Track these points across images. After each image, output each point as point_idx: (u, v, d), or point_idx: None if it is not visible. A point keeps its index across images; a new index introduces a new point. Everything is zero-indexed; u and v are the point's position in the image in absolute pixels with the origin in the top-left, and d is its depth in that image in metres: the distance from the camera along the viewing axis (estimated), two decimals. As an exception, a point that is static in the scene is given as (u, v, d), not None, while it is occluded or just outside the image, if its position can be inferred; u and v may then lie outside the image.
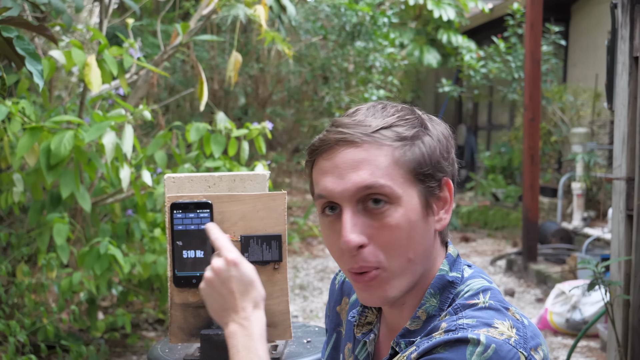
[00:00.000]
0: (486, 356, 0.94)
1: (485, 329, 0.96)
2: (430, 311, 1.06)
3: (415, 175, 1.03)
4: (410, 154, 1.03)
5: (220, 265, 1.13)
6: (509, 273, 6.71)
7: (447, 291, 1.07)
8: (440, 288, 1.07)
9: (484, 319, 0.98)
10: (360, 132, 1.02)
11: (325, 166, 1.04)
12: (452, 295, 1.07)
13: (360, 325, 1.18)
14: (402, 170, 1.02)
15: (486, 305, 1.01)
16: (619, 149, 2.75)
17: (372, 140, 1.02)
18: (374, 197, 1.01)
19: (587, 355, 4.41)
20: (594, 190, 7.67)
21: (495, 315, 0.99)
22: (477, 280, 1.08)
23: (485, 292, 1.05)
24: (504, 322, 0.99)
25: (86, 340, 4.14)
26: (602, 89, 7.87)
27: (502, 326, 0.98)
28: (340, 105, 8.35)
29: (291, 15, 4.46)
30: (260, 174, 1.31)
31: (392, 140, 1.02)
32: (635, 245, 2.64)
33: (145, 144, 5.57)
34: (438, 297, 1.07)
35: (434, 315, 1.06)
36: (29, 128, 3.01)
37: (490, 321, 0.98)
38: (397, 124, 1.04)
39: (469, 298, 1.04)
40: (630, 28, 2.66)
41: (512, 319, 1.00)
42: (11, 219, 4.09)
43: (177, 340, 1.34)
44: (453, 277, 1.08)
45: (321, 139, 1.06)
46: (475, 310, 1.01)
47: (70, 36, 5.13)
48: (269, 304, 1.33)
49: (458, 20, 10.27)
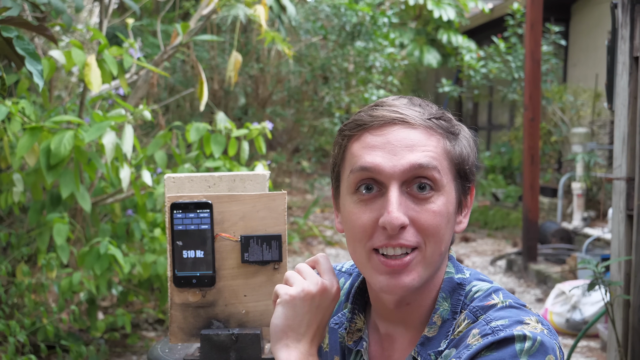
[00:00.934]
0: (534, 349, 0.95)
1: (520, 326, 0.97)
2: (445, 315, 1.06)
3: (458, 170, 1.05)
4: (458, 148, 1.05)
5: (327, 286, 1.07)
6: (509, 273, 6.71)
7: (456, 293, 1.07)
8: (450, 291, 1.07)
9: (513, 317, 0.99)
10: (416, 116, 1.02)
11: (375, 141, 1.02)
12: (462, 298, 1.06)
13: (351, 333, 1.14)
14: (449, 161, 1.04)
15: (506, 304, 1.02)
16: (619, 149, 2.75)
17: (427, 126, 1.02)
18: (422, 180, 1.01)
19: (587, 355, 4.41)
20: (594, 190, 7.67)
21: (520, 312, 1.00)
22: (481, 282, 1.08)
23: (497, 292, 1.05)
24: (531, 317, 1.00)
25: (86, 340, 4.14)
26: (602, 89, 7.87)
27: (531, 322, 0.99)
28: (340, 105, 8.35)
29: (291, 15, 4.46)
30: (260, 174, 1.31)
31: (443, 131, 1.04)
32: (636, 245, 2.64)
33: (145, 144, 5.57)
34: (449, 300, 1.06)
35: (448, 319, 1.05)
36: (29, 128, 3.00)
37: (520, 318, 0.99)
38: (444, 118, 1.06)
39: (483, 299, 1.04)
40: (630, 28, 2.66)
41: (534, 314, 1.01)
42: (11, 219, 4.09)
43: (177, 340, 1.34)
44: (460, 278, 1.08)
45: (371, 115, 1.04)
46: (498, 310, 1.01)
47: (70, 36, 5.14)
48: (269, 304, 1.33)
49: (458, 20, 10.27)
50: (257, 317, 1.34)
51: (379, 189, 1.02)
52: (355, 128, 1.05)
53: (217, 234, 1.29)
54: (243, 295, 1.32)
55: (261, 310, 1.34)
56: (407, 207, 1.01)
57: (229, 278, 1.30)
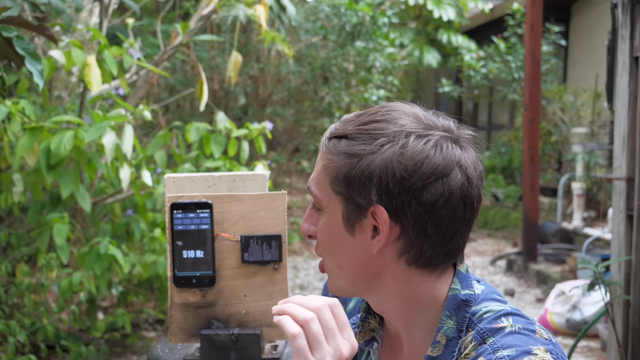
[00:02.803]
0: None
1: (527, 358, 0.94)
2: (450, 334, 1.03)
3: (334, 191, 1.01)
4: (335, 169, 1.00)
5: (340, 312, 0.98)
6: (509, 273, 6.71)
7: (462, 310, 1.03)
8: (455, 308, 1.03)
9: (521, 346, 0.95)
10: (325, 136, 1.05)
11: None
12: (468, 315, 1.03)
13: (363, 332, 1.14)
14: (327, 182, 1.02)
15: (515, 329, 0.98)
16: (619, 149, 2.75)
17: (324, 147, 1.04)
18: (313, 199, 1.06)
19: (587, 355, 4.41)
20: (594, 190, 7.67)
21: (529, 340, 0.96)
22: (493, 303, 1.04)
23: (508, 315, 1.01)
24: (539, 347, 0.96)
25: (86, 340, 4.14)
26: (602, 89, 7.87)
27: (540, 352, 0.95)
28: (340, 105, 8.35)
29: (291, 15, 4.46)
30: (260, 174, 1.31)
31: (329, 152, 1.02)
32: (636, 245, 2.64)
33: (145, 144, 5.57)
34: (454, 318, 1.03)
35: (454, 337, 1.03)
36: (29, 128, 3.00)
37: (528, 348, 0.95)
38: (353, 136, 1.00)
39: (492, 322, 1.00)
40: (630, 28, 2.66)
41: (543, 341, 0.97)
42: (11, 219, 4.09)
43: (177, 340, 1.34)
44: (466, 294, 1.04)
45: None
46: (505, 335, 0.98)
47: (70, 36, 5.14)
48: (269, 304, 1.32)
49: (458, 20, 10.26)
50: (257, 317, 1.34)
51: None
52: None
53: (217, 234, 1.29)
54: (243, 295, 1.32)
55: (261, 310, 1.34)
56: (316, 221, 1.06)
57: (229, 278, 1.30)
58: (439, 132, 0.99)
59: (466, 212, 0.99)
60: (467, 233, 1.03)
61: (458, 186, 0.97)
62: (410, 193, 0.95)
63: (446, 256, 1.02)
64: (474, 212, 1.01)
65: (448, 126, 1.01)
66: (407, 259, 1.01)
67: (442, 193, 0.96)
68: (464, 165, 0.98)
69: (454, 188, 0.96)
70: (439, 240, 0.99)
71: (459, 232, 1.00)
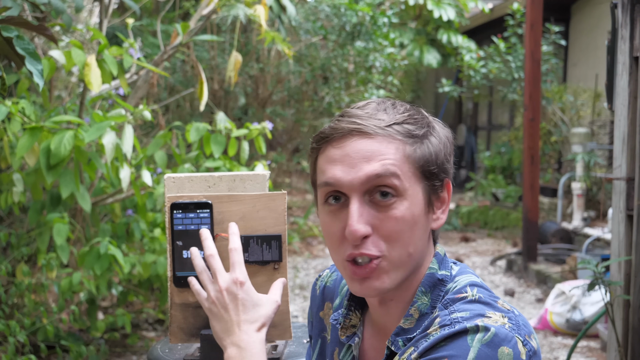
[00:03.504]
0: (486, 339, 0.96)
1: (479, 319, 0.99)
2: (423, 309, 1.08)
3: (422, 172, 1.06)
4: (420, 151, 1.05)
5: (229, 284, 1.13)
6: (509, 273, 6.71)
7: (437, 289, 1.09)
8: (431, 286, 1.09)
9: (476, 310, 1.01)
10: (374, 125, 1.04)
11: (335, 154, 1.05)
12: (442, 293, 1.09)
13: (345, 328, 1.18)
14: (411, 165, 1.05)
15: (475, 298, 1.04)
16: (619, 149, 2.75)
17: (386, 134, 1.04)
18: (383, 189, 1.03)
19: (587, 355, 4.41)
20: (594, 190, 7.67)
21: (486, 307, 1.02)
22: (464, 276, 1.11)
23: (472, 286, 1.07)
24: (495, 312, 1.01)
25: (86, 340, 4.14)
26: (602, 89, 7.88)
27: (494, 316, 1.00)
28: (340, 105, 8.35)
29: (291, 15, 4.47)
30: (260, 174, 1.31)
31: (403, 136, 1.05)
32: (636, 245, 2.64)
33: (145, 144, 5.57)
34: (429, 295, 1.09)
35: (427, 313, 1.08)
36: (29, 128, 3.01)
37: (482, 312, 1.01)
38: (408, 121, 1.06)
39: (456, 292, 1.07)
40: (630, 28, 2.66)
41: (502, 309, 1.03)
42: (11, 219, 4.09)
43: (177, 340, 1.34)
44: (442, 275, 1.10)
45: (332, 127, 1.07)
46: (465, 303, 1.04)
47: (70, 36, 5.14)
48: (269, 304, 1.33)
49: (458, 20, 10.27)
50: (257, 317, 1.34)
51: (345, 199, 1.06)
52: (319, 141, 1.09)
53: (217, 234, 1.29)
54: (243, 295, 1.32)
55: (261, 310, 1.34)
56: (370, 216, 1.04)
57: (229, 278, 1.30)
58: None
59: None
60: None
61: None
62: (451, 160, 1.12)
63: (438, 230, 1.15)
64: None
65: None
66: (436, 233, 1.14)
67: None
68: None
69: None
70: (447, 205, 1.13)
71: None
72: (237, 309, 1.12)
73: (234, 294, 1.12)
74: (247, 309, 1.12)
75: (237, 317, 1.11)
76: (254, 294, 1.14)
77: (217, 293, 1.13)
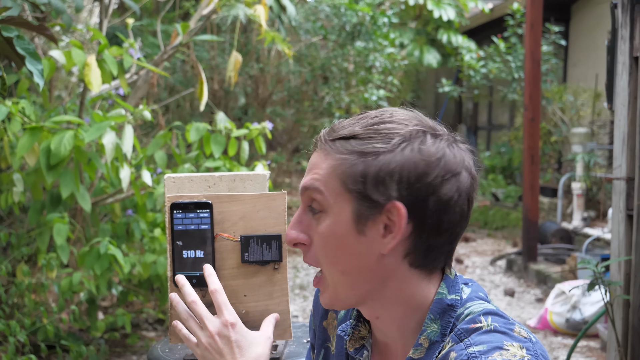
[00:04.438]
0: None
1: (497, 353, 0.94)
2: (433, 337, 1.04)
3: (346, 189, 1.01)
4: (348, 167, 1.01)
5: (219, 328, 1.11)
6: (509, 273, 6.71)
7: (447, 315, 1.04)
8: (440, 312, 1.04)
9: (493, 342, 0.96)
10: (323, 137, 1.05)
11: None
12: (452, 319, 1.04)
13: (353, 340, 1.15)
14: (337, 181, 1.02)
15: (491, 328, 0.99)
16: (619, 149, 2.75)
17: (326, 147, 1.04)
18: (310, 202, 1.05)
19: (587, 355, 4.41)
20: (594, 190, 7.67)
21: (503, 337, 0.97)
22: (476, 303, 1.05)
23: (487, 315, 1.01)
24: (513, 343, 0.96)
25: (86, 340, 4.14)
26: (602, 89, 7.88)
27: (512, 348, 0.95)
28: (340, 105, 8.35)
29: (291, 15, 4.47)
30: (260, 174, 1.31)
31: (338, 151, 1.02)
32: (635, 245, 2.64)
33: (145, 144, 5.57)
34: (439, 322, 1.04)
35: (437, 341, 1.03)
36: (29, 128, 3.01)
37: (500, 344, 0.96)
38: (364, 136, 1.01)
39: (470, 322, 1.01)
40: (630, 28, 2.66)
41: (519, 339, 0.98)
42: (11, 219, 4.09)
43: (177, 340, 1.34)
44: (452, 299, 1.05)
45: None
46: (480, 334, 0.98)
47: (70, 36, 5.14)
48: (269, 304, 1.33)
49: (458, 20, 10.27)
50: (257, 317, 1.34)
51: None
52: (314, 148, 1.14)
53: (217, 234, 1.29)
54: (243, 295, 1.32)
55: (261, 310, 1.34)
56: (308, 227, 1.06)
57: (229, 278, 1.30)
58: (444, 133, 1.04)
59: (469, 210, 1.04)
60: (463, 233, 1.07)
61: (467, 185, 1.02)
62: (430, 188, 0.99)
63: (447, 256, 1.05)
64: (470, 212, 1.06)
65: (445, 129, 1.06)
66: (410, 260, 1.03)
67: (455, 190, 1.00)
68: (468, 165, 1.03)
69: (464, 187, 1.01)
70: (447, 238, 1.02)
71: (462, 230, 1.05)
72: (233, 352, 1.09)
73: (227, 337, 1.10)
74: (244, 351, 1.10)
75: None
76: (247, 334, 1.13)
77: (209, 339, 1.11)
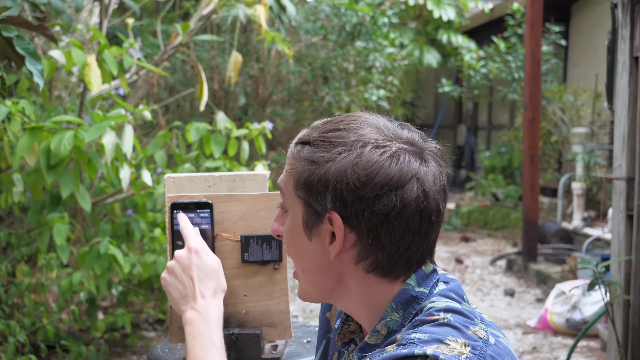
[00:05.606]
0: None
1: (435, 345, 0.92)
2: (392, 326, 1.02)
3: (297, 195, 1.04)
4: (297, 174, 1.03)
5: (182, 253, 1.22)
6: (509, 273, 6.71)
7: (410, 306, 1.02)
8: (404, 303, 1.02)
9: (437, 334, 0.94)
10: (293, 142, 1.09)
11: None
12: (414, 311, 1.02)
13: (342, 334, 1.15)
14: (291, 185, 1.05)
15: (444, 322, 0.96)
16: (619, 149, 2.75)
17: (289, 150, 1.07)
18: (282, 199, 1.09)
19: (587, 355, 4.41)
20: (594, 190, 7.67)
21: (451, 332, 0.95)
22: (443, 299, 1.02)
23: (447, 312, 0.99)
24: (458, 339, 0.94)
25: (86, 340, 4.14)
26: (602, 89, 7.87)
27: (454, 343, 0.93)
28: (340, 105, 8.35)
29: (291, 15, 4.47)
30: (260, 174, 1.31)
31: (293, 157, 1.05)
32: (636, 245, 2.64)
33: (145, 144, 5.57)
34: (401, 311, 1.02)
35: (396, 330, 1.02)
36: (29, 128, 3.00)
37: (442, 337, 0.93)
38: (316, 143, 1.02)
39: (428, 314, 0.99)
40: (630, 28, 2.66)
41: (470, 337, 0.95)
42: (11, 219, 4.09)
43: (177, 340, 1.34)
44: (418, 292, 1.03)
45: None
46: (432, 326, 0.96)
47: (70, 36, 5.14)
48: (269, 303, 1.33)
49: (458, 20, 10.26)
50: (257, 317, 1.34)
51: None
52: None
53: (217, 234, 1.29)
54: (243, 295, 1.32)
55: (261, 310, 1.34)
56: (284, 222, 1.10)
57: (229, 278, 1.30)
58: (399, 143, 1.00)
59: (422, 225, 1.00)
60: (426, 244, 1.02)
61: (413, 199, 0.98)
62: (364, 202, 0.97)
63: (405, 265, 1.02)
64: (432, 225, 1.01)
65: (411, 138, 1.02)
66: (364, 266, 1.02)
67: (395, 204, 0.97)
68: (422, 178, 0.99)
69: (408, 200, 0.98)
70: (394, 250, 1.00)
71: (414, 243, 1.00)
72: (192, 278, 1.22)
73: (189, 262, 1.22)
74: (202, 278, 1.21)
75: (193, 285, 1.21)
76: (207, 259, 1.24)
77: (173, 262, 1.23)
